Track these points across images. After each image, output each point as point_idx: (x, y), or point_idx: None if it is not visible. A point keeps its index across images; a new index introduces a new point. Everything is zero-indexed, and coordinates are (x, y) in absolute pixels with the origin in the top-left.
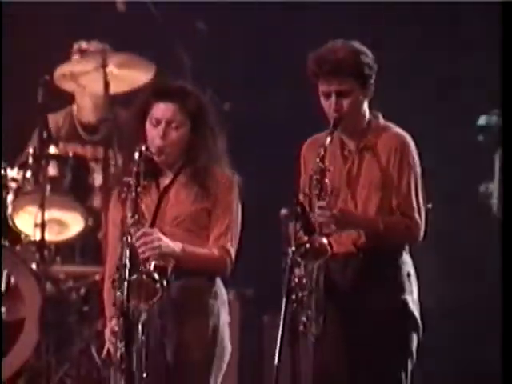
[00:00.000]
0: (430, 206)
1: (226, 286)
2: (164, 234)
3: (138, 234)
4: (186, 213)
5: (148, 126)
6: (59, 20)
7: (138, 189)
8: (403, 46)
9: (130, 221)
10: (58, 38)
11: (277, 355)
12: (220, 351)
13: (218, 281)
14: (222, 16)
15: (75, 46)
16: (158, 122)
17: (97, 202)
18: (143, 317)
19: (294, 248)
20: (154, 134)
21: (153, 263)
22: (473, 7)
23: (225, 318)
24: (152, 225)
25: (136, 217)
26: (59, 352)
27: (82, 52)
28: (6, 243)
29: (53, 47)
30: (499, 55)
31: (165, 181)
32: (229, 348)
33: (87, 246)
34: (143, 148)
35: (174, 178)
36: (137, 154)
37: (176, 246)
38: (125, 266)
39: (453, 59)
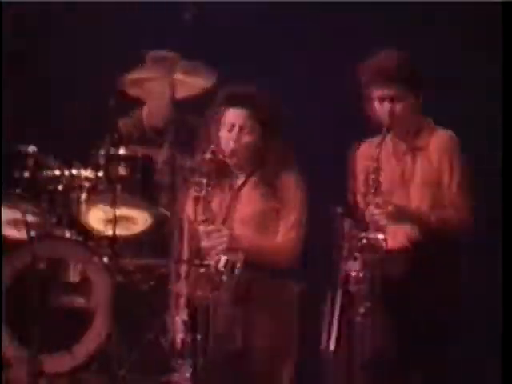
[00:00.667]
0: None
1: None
2: (234, 230)
3: (209, 229)
4: (256, 211)
5: (222, 130)
6: (131, 29)
7: (209, 188)
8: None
9: (201, 218)
10: (130, 46)
11: (333, 342)
12: (286, 340)
13: (286, 273)
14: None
15: (150, 54)
16: (232, 127)
17: (164, 200)
18: (210, 307)
19: (347, 243)
20: (227, 138)
21: (223, 257)
22: (473, 7)
23: (290, 308)
24: (224, 222)
25: (207, 214)
26: (130, 340)
27: (156, 60)
28: (80, 238)
29: (121, 55)
30: (499, 55)
31: (237, 182)
32: (294, 337)
33: (154, 241)
34: (214, 150)
35: (247, 179)
36: (208, 156)
37: (244, 242)
38: (193, 259)
39: (453, 59)
